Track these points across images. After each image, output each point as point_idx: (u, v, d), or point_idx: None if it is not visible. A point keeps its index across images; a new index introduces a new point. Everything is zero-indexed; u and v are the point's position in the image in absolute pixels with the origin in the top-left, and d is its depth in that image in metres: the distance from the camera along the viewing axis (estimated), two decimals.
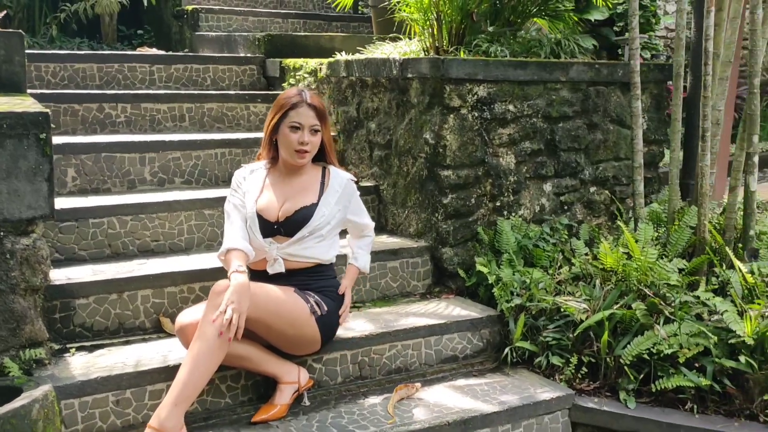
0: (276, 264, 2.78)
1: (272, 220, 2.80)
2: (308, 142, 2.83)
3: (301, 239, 2.80)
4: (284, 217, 2.80)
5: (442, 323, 3.20)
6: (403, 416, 2.76)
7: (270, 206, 2.83)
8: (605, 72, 3.88)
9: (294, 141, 2.82)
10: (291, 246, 2.80)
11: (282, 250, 2.80)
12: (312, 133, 2.84)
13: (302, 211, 2.82)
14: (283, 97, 2.88)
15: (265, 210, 2.82)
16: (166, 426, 2.34)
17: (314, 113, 2.83)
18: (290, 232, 2.80)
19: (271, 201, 2.84)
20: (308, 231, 2.80)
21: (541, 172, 3.80)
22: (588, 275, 3.29)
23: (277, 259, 2.78)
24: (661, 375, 2.96)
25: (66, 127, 3.96)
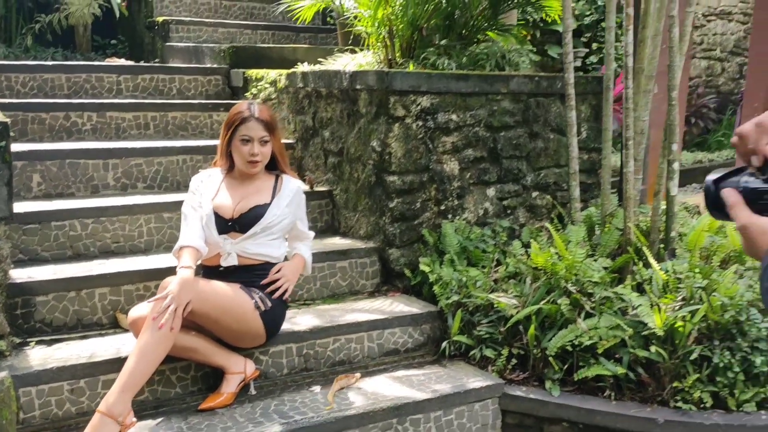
0: (229, 258, 3.00)
1: (227, 217, 3.03)
2: (258, 153, 3.06)
3: (254, 235, 3.02)
4: (239, 214, 3.03)
5: (384, 318, 3.42)
6: (341, 403, 2.98)
7: (226, 204, 3.05)
8: (545, 84, 4.13)
9: (246, 153, 3.05)
10: (244, 241, 3.02)
11: (235, 245, 3.02)
12: (261, 144, 3.07)
13: (256, 209, 3.05)
14: (233, 113, 3.11)
15: (221, 208, 3.04)
16: (114, 411, 2.54)
17: (262, 126, 3.07)
18: (243, 228, 3.02)
19: (227, 200, 3.07)
20: (260, 228, 3.03)
21: (485, 178, 4.04)
22: (520, 274, 3.53)
23: (230, 253, 3.01)
24: (582, 365, 3.19)
25: (33, 134, 4.16)
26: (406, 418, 3.00)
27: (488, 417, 3.21)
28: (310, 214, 4.10)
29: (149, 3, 6.26)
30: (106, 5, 6.23)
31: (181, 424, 2.77)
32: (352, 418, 2.89)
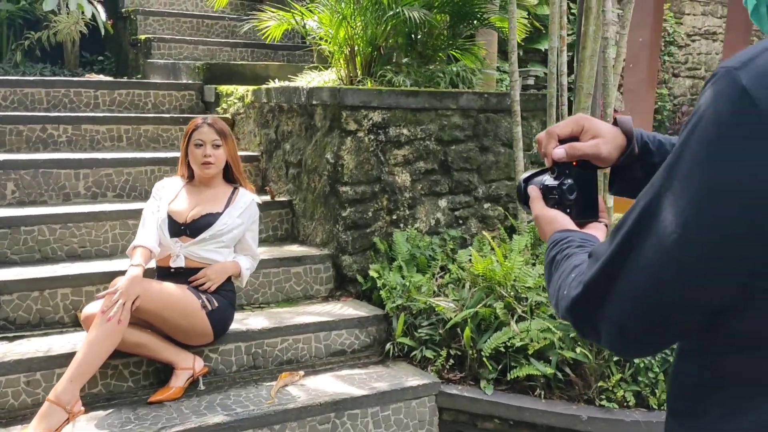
0: (178, 259, 3.22)
1: (180, 222, 3.24)
2: (210, 154, 3.29)
3: (203, 241, 3.23)
4: (191, 219, 3.25)
5: (332, 321, 3.62)
6: (283, 398, 3.17)
7: (180, 210, 3.28)
8: (494, 101, 4.35)
9: (199, 155, 3.29)
10: (193, 246, 3.23)
11: (185, 248, 3.23)
12: (214, 147, 3.30)
13: (207, 217, 3.27)
14: (189, 124, 3.36)
15: (175, 213, 3.26)
16: (62, 399, 2.74)
17: (213, 130, 3.30)
18: (194, 233, 3.24)
19: (183, 205, 3.30)
20: (209, 234, 3.24)
21: (436, 189, 4.25)
22: (462, 280, 3.73)
23: (179, 255, 3.22)
24: (515, 365, 3.38)
25: (11, 145, 4.39)
26: (344, 413, 3.19)
27: (425, 414, 3.40)
28: (271, 223, 4.32)
29: (134, 21, 6.51)
30: (92, 23, 6.48)
31: (129, 415, 2.97)
32: (291, 412, 3.08)
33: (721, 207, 0.80)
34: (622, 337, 0.93)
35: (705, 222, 0.81)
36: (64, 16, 6.48)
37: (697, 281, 0.84)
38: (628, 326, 0.91)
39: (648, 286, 0.87)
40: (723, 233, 0.81)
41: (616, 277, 0.90)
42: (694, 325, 0.89)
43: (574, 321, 1.00)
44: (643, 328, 0.90)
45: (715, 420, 0.89)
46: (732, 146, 0.79)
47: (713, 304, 0.85)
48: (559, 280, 1.06)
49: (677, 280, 0.84)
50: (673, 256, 0.84)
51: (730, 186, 0.80)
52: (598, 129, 1.22)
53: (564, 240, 1.15)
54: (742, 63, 0.80)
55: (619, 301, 0.90)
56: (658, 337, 0.92)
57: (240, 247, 3.42)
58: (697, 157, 0.82)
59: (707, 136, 0.81)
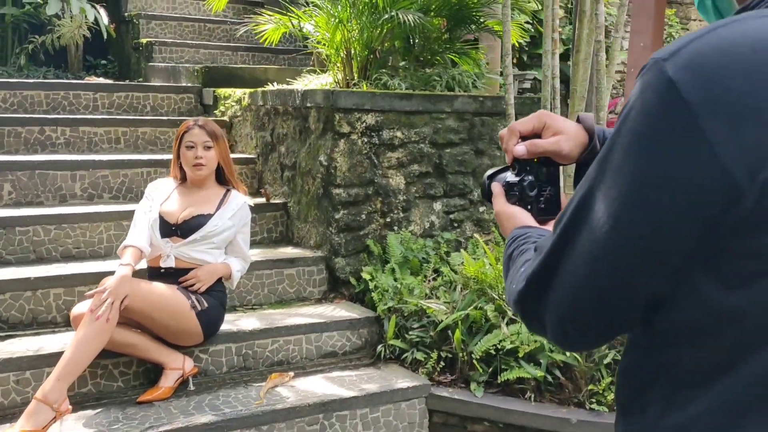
0: (168, 260, 3.23)
1: (172, 222, 3.26)
2: (202, 156, 3.31)
3: (193, 242, 3.25)
4: (182, 220, 3.27)
5: (323, 322, 3.63)
6: (272, 399, 3.18)
7: (172, 211, 3.29)
8: (489, 104, 4.35)
9: (190, 157, 3.31)
10: (184, 246, 3.25)
11: (175, 248, 3.25)
12: (205, 149, 3.32)
13: (199, 218, 3.28)
14: (180, 127, 3.38)
15: (167, 213, 3.28)
16: (49, 398, 2.76)
17: (204, 132, 3.32)
18: (185, 234, 3.25)
19: (174, 206, 3.32)
20: (200, 236, 3.25)
21: (431, 192, 4.25)
22: (454, 282, 3.73)
23: (169, 255, 3.24)
24: (505, 368, 3.38)
25: (9, 147, 4.43)
26: (333, 414, 3.20)
27: (416, 416, 3.39)
28: (266, 225, 4.34)
29: (136, 25, 6.55)
30: (95, 27, 6.53)
31: (118, 414, 2.98)
32: (280, 413, 3.09)
33: (651, 199, 0.80)
34: (563, 330, 0.93)
35: (635, 214, 0.81)
36: (68, 20, 6.53)
37: (629, 273, 0.83)
38: (567, 318, 0.91)
39: (584, 278, 0.87)
40: (653, 226, 0.80)
41: (556, 268, 0.90)
42: (633, 316, 0.88)
43: (521, 314, 1.00)
44: (582, 319, 0.90)
45: (656, 415, 0.89)
46: (660, 137, 0.79)
47: (647, 296, 0.85)
48: (512, 276, 1.06)
49: (611, 271, 0.84)
50: (605, 248, 0.84)
51: (660, 178, 0.79)
52: (559, 126, 1.21)
53: (522, 236, 1.14)
54: (669, 53, 0.80)
55: (559, 293, 0.90)
56: (598, 329, 0.91)
57: (231, 249, 3.43)
58: (627, 149, 0.82)
59: (636, 128, 0.81)
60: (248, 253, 3.48)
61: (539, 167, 1.25)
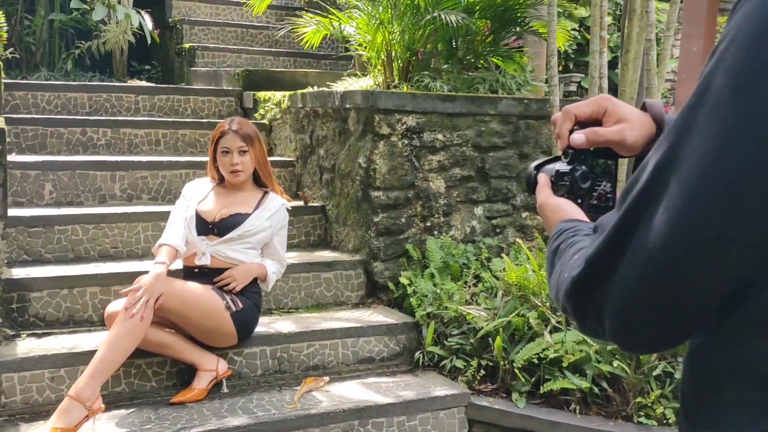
0: (203, 257, 3.19)
1: (209, 220, 3.22)
2: (238, 162, 3.26)
3: (230, 240, 3.20)
4: (219, 218, 3.22)
5: (359, 327, 3.54)
6: (306, 403, 3.10)
7: (209, 209, 3.26)
8: (535, 107, 4.23)
9: (226, 163, 3.27)
10: (219, 245, 3.20)
11: (211, 247, 3.20)
12: (240, 154, 3.27)
13: (236, 216, 3.24)
14: (215, 129, 3.34)
15: (204, 212, 3.25)
16: (82, 395, 2.72)
17: (239, 137, 3.27)
18: (222, 232, 3.21)
19: (211, 205, 3.29)
20: (237, 234, 3.20)
21: (473, 196, 4.14)
22: (495, 288, 3.61)
23: (205, 253, 3.19)
24: (548, 378, 3.24)
25: (52, 147, 4.46)
26: (368, 421, 3.10)
27: (454, 425, 3.28)
28: (304, 228, 4.28)
29: (180, 31, 6.60)
30: (140, 33, 6.59)
31: (150, 415, 2.93)
32: (314, 417, 3.00)
33: (761, 144, 0.67)
34: (626, 320, 0.78)
35: (733, 164, 0.68)
36: (113, 26, 6.61)
37: (729, 236, 0.70)
38: (633, 304, 0.77)
39: (660, 251, 0.73)
40: (757, 177, 0.67)
41: (624, 246, 0.76)
42: (712, 303, 0.74)
43: (573, 308, 0.85)
44: (651, 305, 0.76)
45: (733, 421, 0.76)
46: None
47: (736, 274, 0.72)
48: (561, 267, 0.91)
49: (703, 237, 0.71)
50: (698, 202, 0.70)
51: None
52: (623, 113, 1.07)
53: (570, 229, 1.00)
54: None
55: (625, 274, 0.76)
56: (669, 319, 0.77)
57: (267, 252, 3.37)
58: (727, 88, 0.69)
59: (739, 62, 0.68)
60: (284, 256, 3.42)
61: (595, 158, 1.12)
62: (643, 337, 0.81)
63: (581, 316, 0.85)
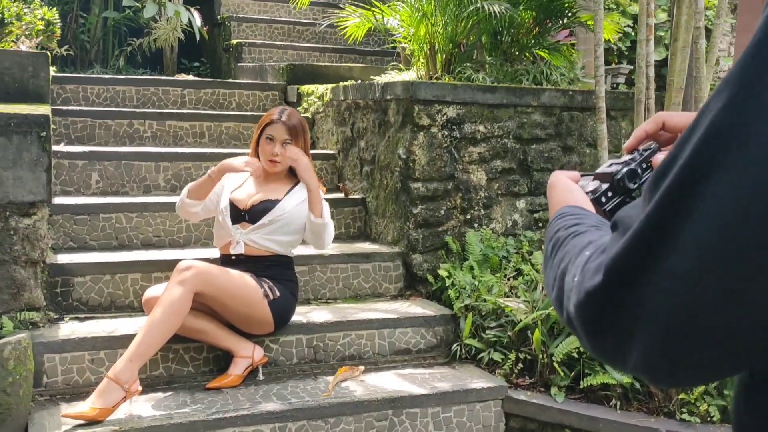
0: (237, 246, 3.20)
1: (241, 208, 3.25)
2: (278, 153, 3.25)
3: (262, 227, 3.20)
4: (251, 206, 3.24)
5: (396, 318, 3.52)
6: (340, 392, 3.09)
7: (243, 197, 3.28)
8: (579, 98, 4.15)
9: (267, 151, 3.26)
10: (252, 232, 3.21)
11: (244, 234, 3.21)
12: (283, 145, 3.26)
13: (266, 203, 3.25)
14: (265, 115, 3.35)
15: (238, 200, 3.27)
16: (120, 377, 2.75)
17: (286, 129, 3.26)
18: (253, 219, 3.22)
19: (245, 193, 3.31)
20: (268, 220, 3.20)
21: (514, 189, 4.08)
22: (533, 281, 3.54)
23: (239, 242, 3.21)
24: (588, 373, 3.17)
25: (100, 139, 4.56)
26: (402, 411, 3.07)
27: (490, 418, 3.23)
28: (344, 220, 4.27)
29: (227, 27, 6.69)
30: (189, 30, 6.70)
31: (186, 399, 2.96)
32: (347, 406, 2.99)
33: None
34: (671, 344, 0.58)
35: None
36: (164, 23, 6.73)
37: None
38: (686, 322, 0.57)
39: (725, 251, 0.55)
40: None
41: (662, 247, 0.58)
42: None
43: (585, 321, 0.66)
44: (717, 323, 0.56)
45: None
46: None
47: None
48: (564, 263, 0.75)
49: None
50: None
51: None
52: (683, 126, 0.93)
53: (575, 215, 0.86)
54: None
55: (668, 285, 0.57)
56: (738, 343, 0.57)
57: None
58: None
59: None
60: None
61: None
62: (691, 365, 0.60)
63: (595, 332, 0.65)
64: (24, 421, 2.70)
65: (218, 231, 3.32)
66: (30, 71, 3.45)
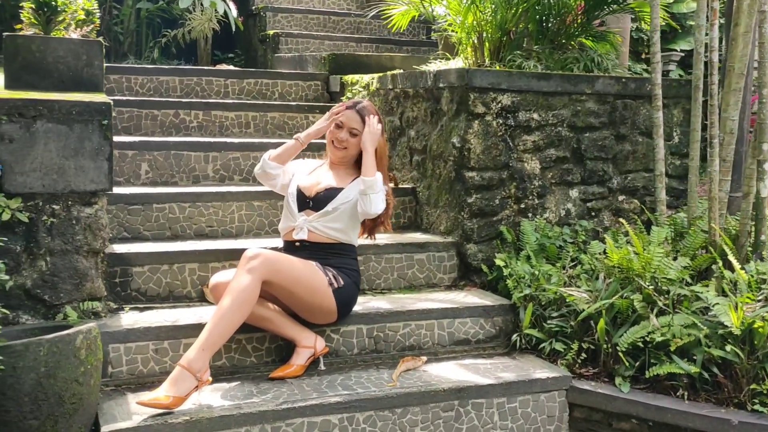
0: (301, 232, 3.21)
1: (307, 195, 3.27)
2: (344, 139, 3.29)
3: (326, 214, 3.20)
4: (316, 193, 3.26)
5: (455, 308, 3.48)
6: (405, 382, 3.06)
7: (310, 185, 3.32)
8: (633, 86, 4.09)
9: (334, 136, 3.32)
10: (316, 220, 3.21)
11: (309, 222, 3.22)
12: (350, 134, 3.29)
13: (330, 190, 3.26)
14: (348, 102, 3.42)
15: (304, 187, 3.31)
16: (193, 366, 2.74)
17: (358, 117, 3.28)
18: (318, 207, 3.23)
19: (312, 182, 3.34)
20: (332, 207, 3.21)
21: (567, 178, 4.03)
22: (595, 271, 3.49)
23: (302, 228, 3.21)
24: (654, 363, 3.12)
25: (146, 129, 4.54)
26: (468, 401, 3.04)
27: (555, 409, 3.19)
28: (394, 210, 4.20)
29: (263, 18, 6.66)
30: (224, 20, 6.68)
31: (252, 389, 2.94)
32: (413, 396, 2.96)
33: None
34: None
35: None
36: (198, 14, 6.71)
37: None
38: None
39: None
40: None
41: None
42: None
43: None
44: None
45: None
46: None
47: None
48: None
49: None
50: None
51: None
52: None
53: None
54: None
55: None
56: None
57: None
58: None
59: None
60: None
61: None
62: None
63: None
64: (94, 411, 2.69)
65: (285, 218, 3.34)
66: (84, 60, 3.42)
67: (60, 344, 2.49)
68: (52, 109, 3.03)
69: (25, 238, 3.01)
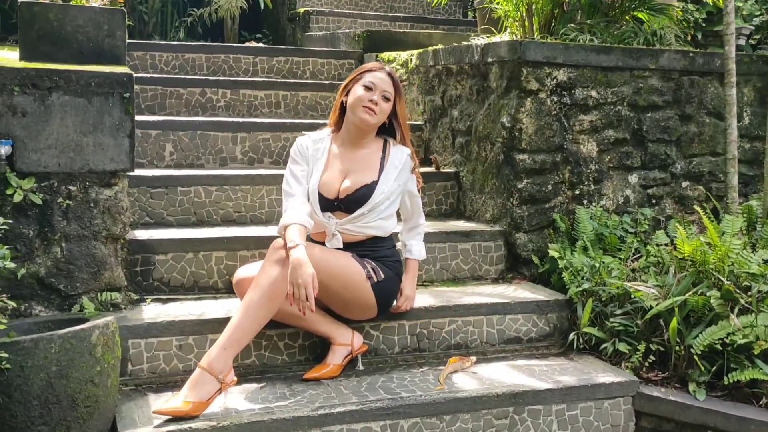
0: (334, 239, 2.83)
1: (332, 197, 2.83)
2: (378, 102, 2.82)
3: (361, 216, 2.83)
4: (344, 194, 2.83)
5: (506, 303, 3.17)
6: (453, 386, 2.76)
7: (331, 183, 2.84)
8: (701, 61, 3.73)
9: (364, 98, 2.81)
10: (350, 223, 2.84)
11: (341, 225, 2.84)
12: (383, 98, 2.85)
13: (362, 189, 2.83)
14: (361, 67, 2.97)
15: (325, 186, 2.84)
16: (214, 367, 2.46)
17: (390, 80, 2.88)
18: (350, 209, 2.83)
19: (333, 177, 2.86)
20: (368, 209, 2.82)
21: (626, 162, 3.69)
22: (663, 263, 3.16)
23: (335, 234, 2.83)
24: (734, 367, 2.79)
25: (171, 108, 4.27)
26: (524, 408, 2.73)
27: (619, 417, 2.87)
28: (435, 196, 3.93)
29: None
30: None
31: (284, 390, 2.66)
32: (464, 401, 2.66)
33: None
34: None
35: None
36: None
37: None
38: None
39: None
40: None
41: None
42: None
43: None
44: None
45: None
46: None
47: None
48: None
49: None
50: None
51: None
52: None
53: None
54: None
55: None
56: None
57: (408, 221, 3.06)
58: None
59: None
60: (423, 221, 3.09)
61: None
62: None
63: None
64: (111, 415, 2.42)
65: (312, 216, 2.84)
66: (105, 30, 3.14)
67: (73, 340, 2.23)
68: (69, 81, 2.76)
69: (38, 222, 2.75)
